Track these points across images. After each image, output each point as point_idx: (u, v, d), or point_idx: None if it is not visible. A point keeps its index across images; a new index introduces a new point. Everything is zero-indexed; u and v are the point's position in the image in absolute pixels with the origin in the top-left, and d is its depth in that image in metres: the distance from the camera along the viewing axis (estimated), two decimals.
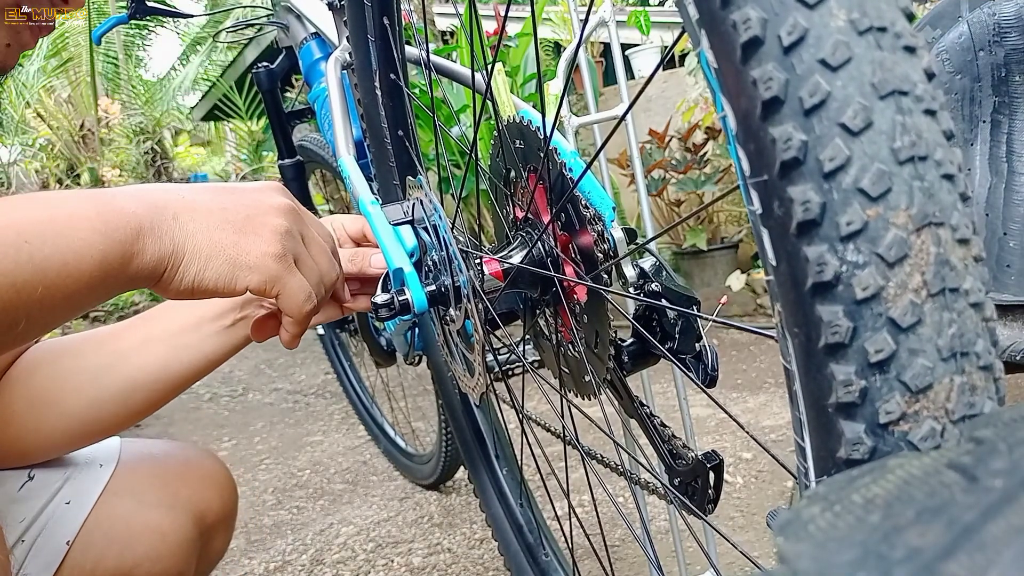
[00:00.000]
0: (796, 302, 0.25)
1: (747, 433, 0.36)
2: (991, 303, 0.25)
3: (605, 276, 0.49)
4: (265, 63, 1.39)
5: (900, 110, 0.23)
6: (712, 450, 0.51)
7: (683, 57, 3.98)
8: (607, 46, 5.10)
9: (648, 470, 0.51)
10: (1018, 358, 0.86)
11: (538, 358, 0.66)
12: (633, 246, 0.49)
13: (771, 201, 0.24)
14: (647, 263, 0.51)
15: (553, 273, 0.52)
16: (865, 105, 0.23)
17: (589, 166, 0.44)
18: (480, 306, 0.52)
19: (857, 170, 0.23)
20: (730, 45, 0.24)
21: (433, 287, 0.58)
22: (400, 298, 0.57)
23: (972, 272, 0.24)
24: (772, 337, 0.27)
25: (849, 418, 0.24)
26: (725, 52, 0.24)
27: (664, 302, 0.49)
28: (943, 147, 0.24)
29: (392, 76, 0.73)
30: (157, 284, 0.46)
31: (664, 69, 4.74)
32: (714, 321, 0.39)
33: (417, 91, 2.03)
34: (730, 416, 0.38)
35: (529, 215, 0.56)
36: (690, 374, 0.46)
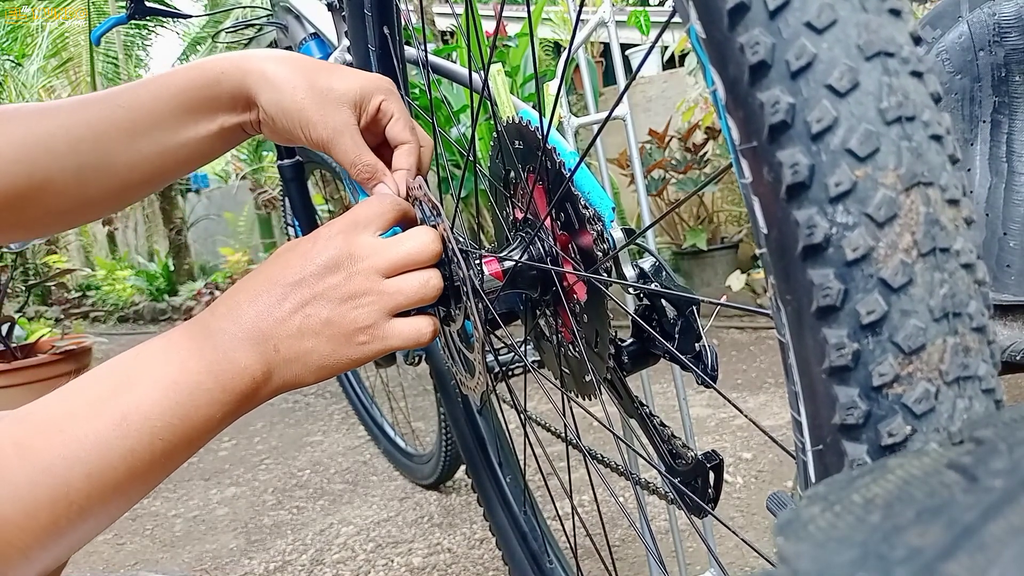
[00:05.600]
0: (787, 268, 0.25)
1: (748, 419, 0.36)
2: (983, 265, 0.24)
3: (605, 274, 0.49)
4: None
5: (886, 71, 0.23)
6: (712, 450, 0.51)
7: (683, 57, 3.99)
8: (607, 46, 5.10)
9: (649, 462, 0.51)
10: (1018, 358, 0.86)
11: (538, 359, 0.66)
12: (630, 240, 0.49)
13: (761, 167, 0.24)
14: (647, 263, 0.51)
15: (551, 266, 0.52)
16: (851, 66, 0.23)
17: (583, 157, 0.44)
18: (480, 305, 0.52)
19: (845, 131, 0.23)
20: (717, 13, 0.24)
21: None
22: None
23: (963, 233, 0.24)
24: (767, 314, 0.27)
25: (843, 383, 0.24)
26: (713, 21, 0.24)
27: (663, 300, 0.49)
28: (930, 108, 0.24)
29: None
30: None
31: (664, 69, 4.75)
32: (715, 304, 0.39)
33: (416, 91, 2.03)
34: (733, 405, 0.38)
35: (528, 216, 0.56)
36: (692, 367, 0.46)
